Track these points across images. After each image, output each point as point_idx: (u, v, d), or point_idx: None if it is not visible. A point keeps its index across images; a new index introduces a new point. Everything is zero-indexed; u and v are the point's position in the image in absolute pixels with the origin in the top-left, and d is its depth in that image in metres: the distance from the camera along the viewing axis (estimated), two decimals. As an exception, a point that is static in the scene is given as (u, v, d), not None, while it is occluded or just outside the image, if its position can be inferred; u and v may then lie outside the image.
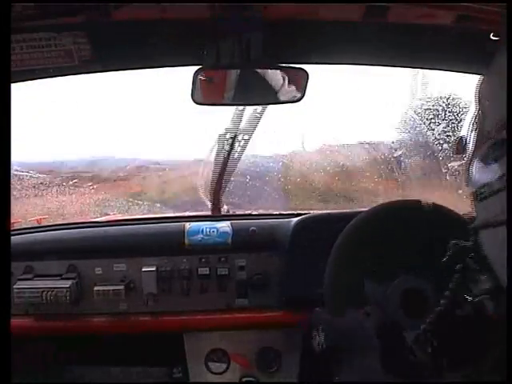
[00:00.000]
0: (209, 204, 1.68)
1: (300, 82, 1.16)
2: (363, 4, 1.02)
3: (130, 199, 2.13)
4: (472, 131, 0.55)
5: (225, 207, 1.71)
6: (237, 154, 1.58)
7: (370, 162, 2.14)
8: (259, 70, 1.16)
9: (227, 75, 1.16)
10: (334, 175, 2.15)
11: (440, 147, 2.00)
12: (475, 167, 0.53)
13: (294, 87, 1.17)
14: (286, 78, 1.16)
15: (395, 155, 2.10)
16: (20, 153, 1.76)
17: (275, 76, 1.16)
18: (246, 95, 1.19)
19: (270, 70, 1.16)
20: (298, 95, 1.18)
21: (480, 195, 0.52)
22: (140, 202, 2.13)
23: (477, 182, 0.52)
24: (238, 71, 1.15)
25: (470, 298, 0.85)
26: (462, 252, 0.95)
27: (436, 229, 1.21)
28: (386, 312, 1.18)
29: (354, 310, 1.20)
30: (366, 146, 2.15)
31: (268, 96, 1.20)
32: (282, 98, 1.21)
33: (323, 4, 1.03)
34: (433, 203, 1.29)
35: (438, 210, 1.27)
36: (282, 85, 1.17)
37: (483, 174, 0.51)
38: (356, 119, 2.01)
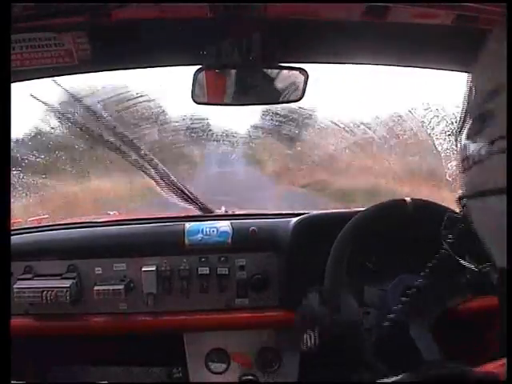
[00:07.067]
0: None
1: (300, 81, 1.16)
2: (363, 4, 1.02)
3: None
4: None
5: (223, 208, 1.71)
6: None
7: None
8: (259, 70, 1.16)
9: (227, 75, 1.17)
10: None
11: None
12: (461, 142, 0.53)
13: (294, 87, 1.17)
14: (286, 77, 1.17)
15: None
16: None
17: (275, 76, 1.17)
18: (246, 95, 1.19)
19: (269, 70, 1.16)
20: (298, 95, 1.18)
21: (464, 167, 0.52)
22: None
23: (463, 153, 0.52)
24: (238, 71, 1.15)
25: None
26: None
27: (430, 225, 1.22)
28: (387, 311, 1.18)
29: (353, 309, 1.20)
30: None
31: (268, 96, 1.21)
32: (281, 98, 1.21)
33: (323, 4, 1.03)
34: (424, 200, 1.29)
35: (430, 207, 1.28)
36: (282, 84, 1.18)
37: (469, 146, 0.51)
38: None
